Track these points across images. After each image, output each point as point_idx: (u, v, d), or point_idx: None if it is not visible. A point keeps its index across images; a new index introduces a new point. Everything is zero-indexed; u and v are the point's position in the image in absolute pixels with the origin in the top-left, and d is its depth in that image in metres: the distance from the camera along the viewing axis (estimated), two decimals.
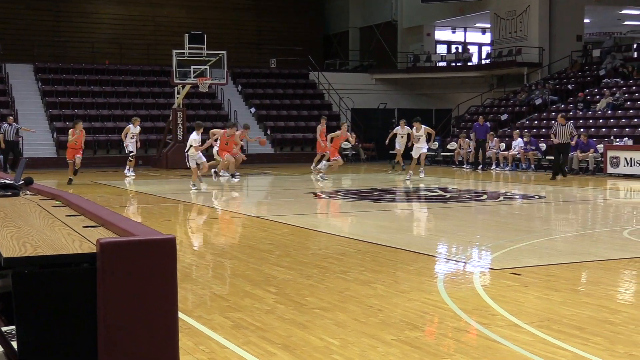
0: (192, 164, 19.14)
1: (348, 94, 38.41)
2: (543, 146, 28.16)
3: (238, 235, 12.31)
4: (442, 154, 32.90)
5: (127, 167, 25.05)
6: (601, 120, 28.89)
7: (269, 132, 35.74)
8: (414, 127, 23.71)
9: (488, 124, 29.97)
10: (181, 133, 30.47)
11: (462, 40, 44.77)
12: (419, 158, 23.29)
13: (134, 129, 24.79)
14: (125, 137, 24.95)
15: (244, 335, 5.88)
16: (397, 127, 25.61)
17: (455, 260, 9.57)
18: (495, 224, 13.76)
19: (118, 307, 3.39)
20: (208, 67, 30.30)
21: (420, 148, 23.24)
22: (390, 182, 23.14)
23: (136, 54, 39.55)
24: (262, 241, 11.10)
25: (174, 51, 30.33)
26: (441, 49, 43.43)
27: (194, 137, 19.16)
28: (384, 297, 7.23)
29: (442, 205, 16.60)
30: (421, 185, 21.52)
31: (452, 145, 32.02)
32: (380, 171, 26.36)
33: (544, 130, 30.19)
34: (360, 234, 11.76)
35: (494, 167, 28.49)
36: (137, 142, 25.51)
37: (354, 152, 34.29)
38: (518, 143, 28.45)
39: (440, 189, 20.37)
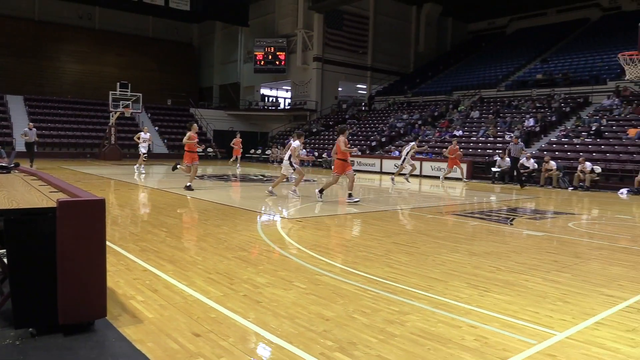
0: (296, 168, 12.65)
1: (212, 121, 37.87)
2: (316, 153, 28.90)
3: (146, 198, 11.80)
4: (262, 156, 33.07)
5: (138, 164, 19.55)
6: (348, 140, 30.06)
7: (165, 141, 34.48)
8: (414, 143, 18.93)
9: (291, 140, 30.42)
10: (113, 140, 28.93)
11: (275, 94, 44.99)
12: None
13: (144, 135, 19.32)
14: (138, 141, 19.47)
15: (146, 255, 5.70)
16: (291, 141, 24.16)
17: (267, 214, 9.69)
18: (290, 195, 13.98)
19: (70, 240, 3.23)
20: (130, 102, 29.18)
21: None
22: (231, 170, 22.91)
23: (88, 92, 37.03)
24: (160, 202, 10.72)
25: (110, 92, 28.90)
26: (264, 99, 43.48)
27: (297, 145, 12.52)
28: (228, 234, 7.23)
29: (262, 184, 16.67)
30: (251, 173, 21.47)
31: (268, 152, 32.29)
32: (228, 165, 25.95)
33: (316, 145, 30.99)
34: (216, 200, 11.63)
35: None
36: (149, 145, 19.89)
37: (214, 153, 33.66)
38: (303, 152, 29.06)
39: (262, 175, 20.43)
